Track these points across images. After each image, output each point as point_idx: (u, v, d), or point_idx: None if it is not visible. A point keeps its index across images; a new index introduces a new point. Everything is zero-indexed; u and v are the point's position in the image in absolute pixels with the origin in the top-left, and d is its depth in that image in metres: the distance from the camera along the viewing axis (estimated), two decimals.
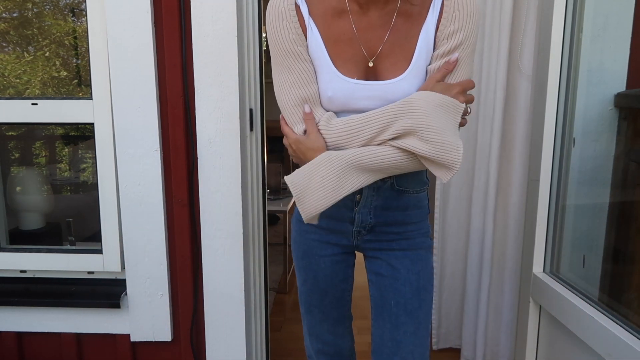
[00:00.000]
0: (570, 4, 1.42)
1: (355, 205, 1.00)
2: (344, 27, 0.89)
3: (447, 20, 0.86)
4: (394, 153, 0.87)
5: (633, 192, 1.44)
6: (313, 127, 0.90)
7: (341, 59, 0.90)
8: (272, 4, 0.89)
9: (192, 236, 1.48)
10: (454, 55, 0.86)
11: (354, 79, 0.89)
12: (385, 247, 1.03)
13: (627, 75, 1.45)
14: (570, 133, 1.48)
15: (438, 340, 2.03)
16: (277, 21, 0.88)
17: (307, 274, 1.11)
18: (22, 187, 1.84)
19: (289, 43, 0.89)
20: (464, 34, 0.86)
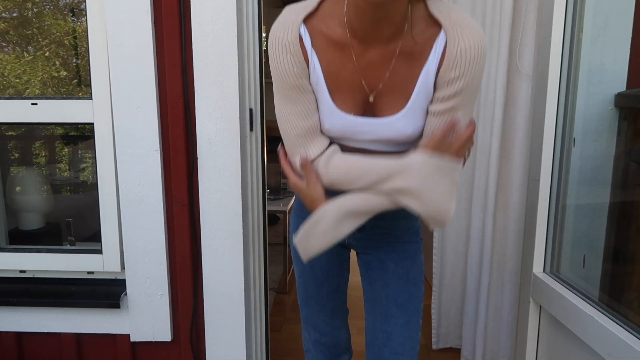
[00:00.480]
0: (570, 4, 1.42)
1: None
2: (345, 61, 0.88)
3: (448, 66, 0.82)
4: (388, 202, 0.90)
5: (633, 192, 1.44)
6: (311, 177, 0.92)
7: (340, 94, 0.90)
8: (275, 35, 0.87)
9: (192, 236, 1.48)
10: (456, 116, 0.85)
11: (351, 114, 0.90)
12: (375, 244, 1.08)
13: (627, 75, 1.45)
14: (570, 133, 1.48)
15: (438, 340, 2.03)
16: (281, 54, 0.87)
17: (305, 266, 1.15)
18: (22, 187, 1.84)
19: (293, 77, 0.88)
20: (465, 81, 0.83)
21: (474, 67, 0.82)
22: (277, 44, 0.86)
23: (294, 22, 0.86)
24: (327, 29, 0.87)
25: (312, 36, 0.87)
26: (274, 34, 0.87)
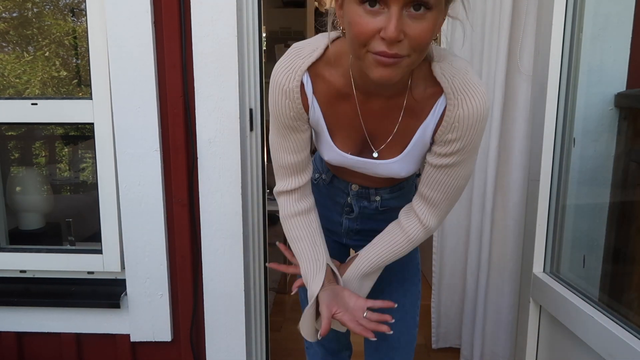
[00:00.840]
0: (570, 4, 1.42)
1: (343, 215, 1.10)
2: (347, 109, 0.88)
3: (445, 129, 0.82)
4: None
5: (633, 192, 1.44)
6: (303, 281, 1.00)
7: (340, 136, 0.93)
8: (277, 80, 0.86)
9: (192, 236, 1.48)
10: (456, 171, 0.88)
11: (349, 154, 0.93)
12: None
13: (627, 75, 1.45)
14: (570, 133, 1.48)
15: (438, 340, 2.03)
16: (280, 98, 0.87)
17: None
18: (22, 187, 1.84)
19: (288, 119, 0.89)
20: (462, 143, 0.83)
21: (471, 132, 0.82)
22: (278, 87, 0.86)
23: (297, 69, 0.85)
24: (331, 77, 0.86)
25: (315, 84, 0.87)
26: (275, 76, 0.86)
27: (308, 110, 0.89)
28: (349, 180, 1.05)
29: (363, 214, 1.08)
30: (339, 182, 1.07)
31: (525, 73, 1.66)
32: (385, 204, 1.06)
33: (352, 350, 1.29)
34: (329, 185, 1.10)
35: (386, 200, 1.06)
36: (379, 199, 1.05)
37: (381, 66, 0.70)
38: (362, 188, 1.05)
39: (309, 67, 0.85)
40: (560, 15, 1.42)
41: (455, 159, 0.85)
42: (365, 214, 1.08)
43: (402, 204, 1.07)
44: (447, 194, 0.90)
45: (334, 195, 1.09)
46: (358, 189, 1.05)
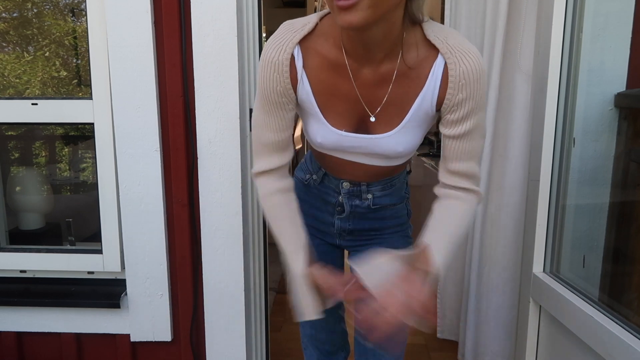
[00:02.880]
0: (570, 4, 1.41)
1: (335, 214, 1.10)
2: (340, 81, 0.89)
3: (454, 89, 0.83)
4: None
5: (633, 192, 1.44)
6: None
7: (332, 112, 0.91)
8: (268, 51, 0.87)
9: (192, 236, 1.48)
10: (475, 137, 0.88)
11: (342, 130, 0.92)
12: (365, 243, 1.12)
13: (627, 75, 1.45)
14: (570, 133, 1.48)
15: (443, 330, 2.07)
16: (268, 70, 0.87)
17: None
18: (22, 187, 1.84)
19: (275, 94, 0.89)
20: (474, 102, 0.84)
21: (479, 86, 0.83)
22: (267, 60, 0.87)
23: (288, 42, 0.86)
24: (323, 49, 0.87)
25: (305, 57, 0.88)
26: (266, 50, 0.87)
27: (296, 86, 0.90)
28: (340, 176, 1.04)
29: (355, 213, 1.08)
30: (330, 181, 1.07)
31: (525, 73, 1.66)
32: (377, 202, 1.06)
33: (349, 352, 1.29)
34: (319, 186, 1.09)
35: (378, 198, 1.06)
36: (370, 197, 1.05)
37: (342, 11, 0.71)
38: (353, 186, 1.04)
39: (300, 41, 0.86)
40: (560, 15, 1.42)
41: (471, 123, 0.85)
42: (357, 213, 1.07)
43: (394, 202, 1.08)
44: (475, 157, 0.90)
45: (325, 195, 1.09)
46: (349, 187, 1.04)
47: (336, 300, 0.95)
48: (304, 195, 1.12)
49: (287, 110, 0.92)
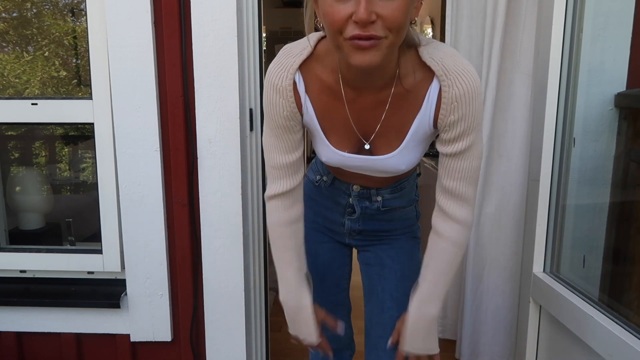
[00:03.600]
0: (570, 4, 1.41)
1: (345, 215, 1.11)
2: (338, 109, 0.90)
3: (446, 111, 0.83)
4: None
5: (633, 192, 1.44)
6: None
7: (334, 135, 0.94)
8: (271, 79, 0.88)
9: (192, 236, 1.48)
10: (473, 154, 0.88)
11: (345, 152, 0.94)
12: (374, 243, 1.13)
13: (627, 75, 1.45)
14: (570, 133, 1.48)
15: (444, 330, 2.06)
16: (274, 97, 0.89)
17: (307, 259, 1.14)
18: (22, 187, 1.84)
19: (282, 119, 0.90)
20: (466, 123, 0.83)
21: (471, 109, 0.82)
22: (271, 87, 0.88)
23: (289, 68, 0.87)
24: (322, 74, 0.88)
25: (306, 82, 0.90)
26: (269, 76, 0.88)
27: (301, 109, 0.91)
28: (349, 181, 1.06)
29: (365, 214, 1.09)
30: (340, 184, 1.08)
31: (525, 73, 1.65)
32: (386, 204, 1.07)
33: (354, 350, 1.29)
34: (330, 187, 1.10)
35: (387, 200, 1.07)
36: (380, 199, 1.06)
37: (359, 51, 0.70)
38: (363, 189, 1.06)
39: (300, 66, 0.87)
40: (560, 15, 1.42)
41: (465, 142, 0.85)
42: (367, 214, 1.09)
43: (403, 204, 1.09)
44: (469, 179, 0.89)
45: (336, 197, 1.10)
46: (359, 189, 1.06)
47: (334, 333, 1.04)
48: (315, 195, 1.13)
49: (294, 132, 0.93)
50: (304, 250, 1.02)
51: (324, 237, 1.17)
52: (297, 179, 0.97)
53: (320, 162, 1.11)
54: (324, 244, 1.17)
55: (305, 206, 1.08)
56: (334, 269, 1.18)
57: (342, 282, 1.21)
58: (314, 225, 1.16)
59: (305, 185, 1.11)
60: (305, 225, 1.11)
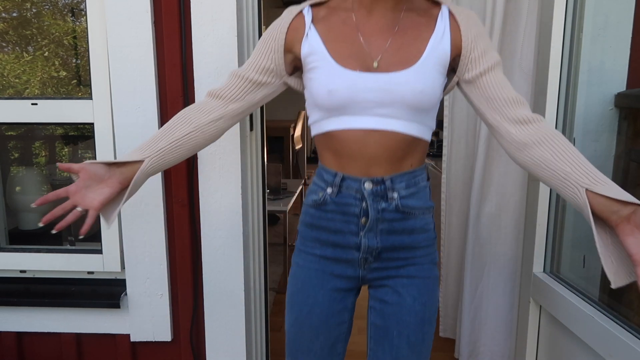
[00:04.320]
0: (570, 4, 1.41)
1: (361, 229, 0.98)
2: (348, 33, 0.94)
3: (466, 27, 0.93)
4: None
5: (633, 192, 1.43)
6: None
7: (343, 55, 0.92)
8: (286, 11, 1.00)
9: (192, 236, 1.48)
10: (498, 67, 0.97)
11: (356, 70, 0.91)
12: (393, 274, 1.00)
13: (627, 75, 1.45)
14: (570, 133, 1.48)
15: (445, 329, 2.06)
16: (274, 24, 0.99)
17: (301, 310, 1.03)
18: (22, 187, 1.84)
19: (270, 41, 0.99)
20: (484, 40, 0.95)
21: (482, 29, 0.96)
22: (280, 18, 0.99)
23: (298, 7, 0.98)
24: (335, 4, 0.97)
25: (316, 15, 0.97)
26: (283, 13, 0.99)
27: (301, 40, 0.96)
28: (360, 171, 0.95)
29: (382, 222, 0.97)
30: (349, 186, 0.97)
31: (526, 73, 1.66)
32: (404, 203, 0.97)
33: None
34: (337, 198, 0.98)
35: (404, 198, 0.96)
36: (396, 195, 0.96)
37: None
38: (376, 185, 0.95)
39: (312, 5, 0.98)
40: (560, 15, 1.42)
41: (492, 56, 0.94)
42: (385, 221, 0.97)
43: (420, 204, 0.99)
44: (512, 88, 0.95)
45: (346, 207, 0.98)
46: (372, 186, 0.95)
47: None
48: (319, 220, 1.01)
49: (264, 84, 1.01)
50: (184, 148, 1.01)
51: (328, 279, 1.02)
52: (231, 93, 1.02)
53: (323, 172, 1.00)
54: (326, 291, 1.02)
55: (308, 243, 1.02)
56: (331, 326, 1.03)
57: (337, 345, 1.05)
58: (319, 264, 1.02)
59: (305, 216, 1.04)
60: (307, 269, 1.03)
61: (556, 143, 0.89)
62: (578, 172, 0.85)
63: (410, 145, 0.95)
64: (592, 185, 0.83)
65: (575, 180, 0.84)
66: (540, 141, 0.90)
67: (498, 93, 0.93)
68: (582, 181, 0.84)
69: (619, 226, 0.80)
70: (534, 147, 0.90)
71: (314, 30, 0.94)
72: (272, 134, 4.67)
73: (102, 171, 0.92)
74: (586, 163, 0.86)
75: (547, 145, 0.89)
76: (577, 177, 0.84)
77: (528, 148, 0.90)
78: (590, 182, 0.83)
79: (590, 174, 0.84)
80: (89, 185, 0.94)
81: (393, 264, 1.00)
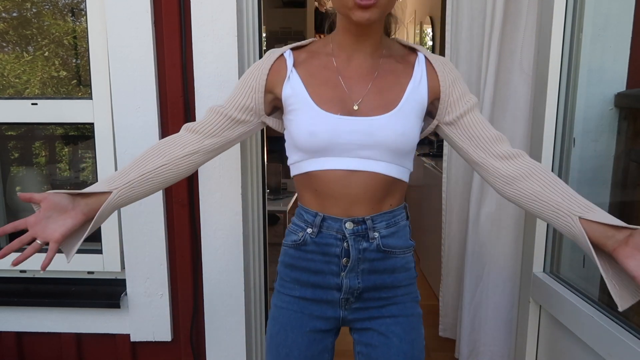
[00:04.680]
0: (570, 4, 1.42)
1: (342, 269, 0.98)
2: (329, 77, 0.96)
3: (442, 73, 0.97)
4: None
5: (633, 192, 1.44)
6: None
7: (324, 99, 0.94)
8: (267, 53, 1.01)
9: (192, 236, 1.48)
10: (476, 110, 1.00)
11: (337, 114, 0.92)
12: (375, 314, 1.01)
13: (627, 75, 1.45)
14: (570, 133, 1.48)
15: (445, 329, 2.06)
16: (255, 65, 1.01)
17: (279, 352, 1.02)
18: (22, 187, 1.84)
19: (252, 80, 1.00)
20: (461, 85, 0.98)
21: (457, 72, 0.99)
22: (261, 60, 1.01)
23: (279, 50, 1.00)
24: (315, 48, 1.00)
25: (296, 57, 0.99)
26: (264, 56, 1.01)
27: (282, 83, 0.97)
28: (340, 211, 0.96)
29: (363, 262, 0.98)
30: (330, 226, 0.97)
31: (526, 73, 1.66)
32: (385, 243, 0.98)
33: None
34: (317, 238, 0.98)
35: (385, 238, 0.98)
36: (377, 235, 0.97)
37: (361, 9, 0.84)
38: (357, 225, 0.96)
39: (296, 47, 1.01)
40: (560, 15, 1.42)
41: (470, 98, 0.98)
42: (366, 260, 0.98)
43: (401, 244, 1.00)
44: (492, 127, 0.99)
45: (326, 247, 0.98)
46: (353, 226, 0.96)
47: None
48: (300, 261, 1.01)
49: (242, 122, 1.01)
50: (155, 182, 0.98)
51: (307, 321, 1.01)
52: (206, 129, 1.02)
53: (303, 212, 1.01)
54: (305, 333, 1.00)
55: (287, 285, 1.02)
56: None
57: None
58: (298, 305, 1.01)
59: (284, 257, 1.04)
60: (286, 311, 1.02)
61: (543, 175, 0.91)
62: (569, 202, 0.86)
63: (390, 186, 0.97)
64: (584, 213, 0.84)
65: (568, 209, 0.86)
66: (527, 174, 0.91)
67: (480, 131, 0.96)
68: (575, 210, 0.85)
69: (617, 250, 0.81)
70: (522, 180, 0.92)
71: (295, 74, 0.96)
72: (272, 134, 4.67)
73: (65, 201, 0.89)
74: (575, 193, 0.88)
75: (535, 177, 0.91)
76: (569, 206, 0.86)
77: (516, 181, 0.92)
78: (582, 210, 0.85)
79: (581, 202, 0.86)
80: (50, 215, 0.89)
81: (375, 304, 1.01)
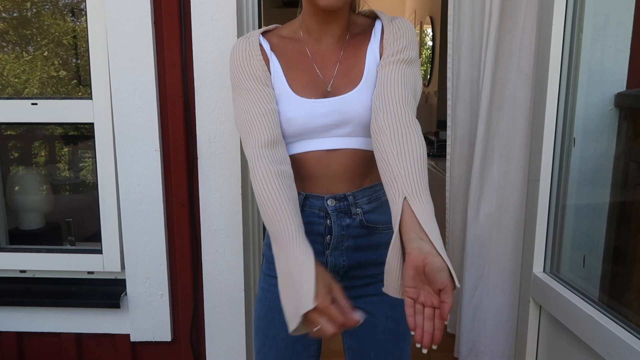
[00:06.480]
0: (570, 4, 1.42)
1: (326, 248, 0.97)
2: (303, 61, 0.97)
3: (388, 36, 0.94)
4: None
5: (633, 192, 1.44)
6: None
7: (300, 85, 0.95)
8: (236, 46, 0.97)
9: (192, 236, 1.48)
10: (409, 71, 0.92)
11: (311, 99, 0.93)
12: (362, 293, 0.99)
13: (627, 75, 1.45)
14: (570, 133, 1.48)
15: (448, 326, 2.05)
16: (241, 52, 0.96)
17: (267, 336, 1.01)
18: (22, 187, 1.84)
19: (252, 68, 0.94)
20: (406, 40, 0.94)
21: (409, 33, 0.95)
22: (238, 48, 0.97)
23: (252, 35, 0.98)
24: (285, 34, 1.00)
25: (271, 43, 0.99)
26: (235, 48, 0.97)
27: (269, 65, 0.96)
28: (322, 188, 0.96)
29: (348, 238, 0.97)
30: (313, 204, 0.97)
31: (525, 73, 1.66)
32: (368, 218, 0.97)
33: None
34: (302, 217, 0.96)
35: (367, 213, 0.97)
36: (359, 211, 0.97)
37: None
38: (339, 201, 0.96)
39: (262, 33, 1.00)
40: (560, 15, 1.42)
41: (407, 54, 0.92)
42: (350, 237, 0.97)
43: (384, 219, 0.99)
44: (410, 90, 0.90)
45: (311, 226, 0.96)
46: (335, 203, 0.96)
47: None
48: None
49: (266, 85, 0.94)
50: (298, 206, 0.86)
51: None
52: (279, 130, 0.91)
53: None
54: None
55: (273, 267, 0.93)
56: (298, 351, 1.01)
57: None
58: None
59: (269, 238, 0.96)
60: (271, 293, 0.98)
61: (408, 142, 0.82)
62: (408, 178, 0.78)
63: (370, 161, 0.95)
64: (412, 198, 0.76)
65: (402, 183, 0.78)
66: (394, 133, 0.83)
67: (392, 87, 0.88)
68: (407, 189, 0.77)
69: (411, 254, 0.72)
70: (386, 135, 0.83)
71: (275, 58, 0.96)
72: None
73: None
74: (424, 175, 0.80)
75: (397, 139, 0.82)
76: (404, 183, 0.77)
77: (382, 134, 0.84)
78: (413, 194, 0.76)
79: (419, 186, 0.78)
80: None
81: (361, 282, 1.00)
